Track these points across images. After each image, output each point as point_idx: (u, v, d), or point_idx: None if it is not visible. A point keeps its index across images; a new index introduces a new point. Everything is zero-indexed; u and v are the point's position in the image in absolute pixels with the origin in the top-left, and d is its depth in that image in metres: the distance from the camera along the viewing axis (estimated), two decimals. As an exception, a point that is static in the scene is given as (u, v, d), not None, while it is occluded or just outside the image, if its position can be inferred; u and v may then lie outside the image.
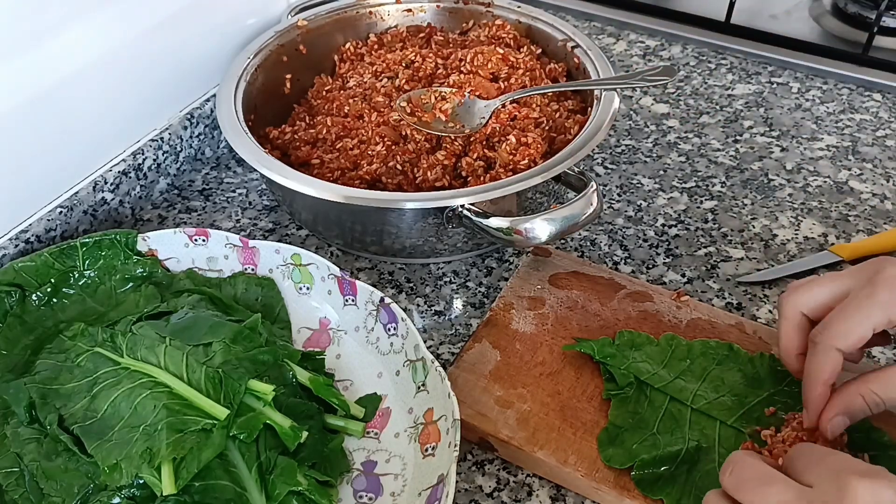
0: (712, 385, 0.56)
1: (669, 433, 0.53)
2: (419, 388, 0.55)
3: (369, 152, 0.69)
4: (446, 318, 0.66)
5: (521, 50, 0.80)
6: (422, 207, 0.60)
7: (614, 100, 0.68)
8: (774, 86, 0.92)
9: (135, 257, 0.64)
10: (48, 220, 0.68)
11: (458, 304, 0.67)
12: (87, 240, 0.63)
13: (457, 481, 0.54)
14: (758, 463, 0.41)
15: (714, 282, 0.68)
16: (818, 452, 0.41)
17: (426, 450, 0.52)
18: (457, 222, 0.61)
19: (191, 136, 0.80)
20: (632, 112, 0.89)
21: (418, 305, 0.67)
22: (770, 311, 0.65)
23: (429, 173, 0.67)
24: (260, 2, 0.84)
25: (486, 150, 0.69)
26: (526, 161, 0.66)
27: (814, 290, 0.50)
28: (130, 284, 0.63)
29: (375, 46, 0.83)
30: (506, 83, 0.75)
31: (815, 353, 0.48)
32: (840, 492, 0.38)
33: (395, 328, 0.58)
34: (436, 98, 0.71)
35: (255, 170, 0.64)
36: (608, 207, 0.76)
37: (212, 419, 0.50)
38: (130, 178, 0.75)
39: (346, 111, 0.74)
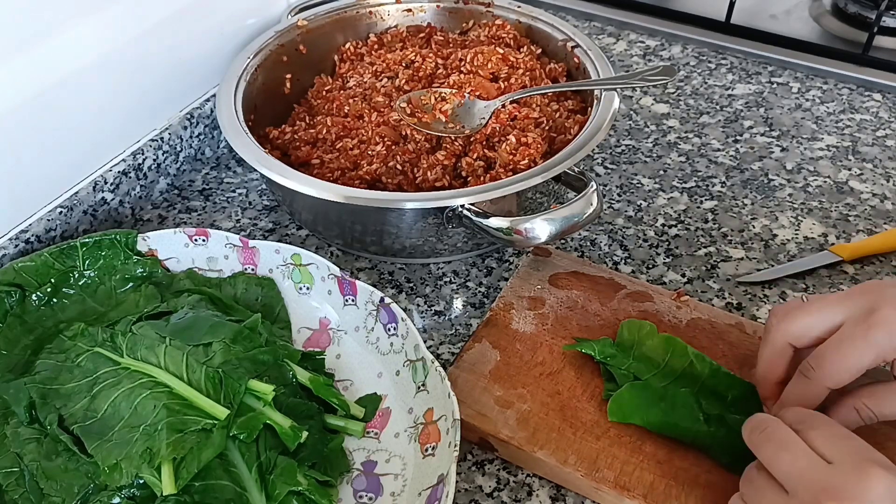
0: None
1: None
2: (419, 388, 0.55)
3: (369, 152, 0.69)
4: (446, 318, 0.66)
5: (521, 50, 0.80)
6: (422, 207, 0.60)
7: (614, 100, 0.68)
8: (774, 86, 0.92)
9: (135, 257, 0.64)
10: (48, 220, 0.68)
11: (458, 304, 0.67)
12: (87, 240, 0.63)
13: (457, 481, 0.54)
14: (781, 427, 0.44)
15: (714, 282, 0.68)
16: (842, 432, 0.44)
17: (426, 450, 0.52)
18: (457, 222, 0.61)
19: (191, 136, 0.80)
20: (632, 112, 0.89)
21: (418, 305, 0.67)
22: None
23: (429, 173, 0.67)
24: (260, 2, 0.84)
25: (486, 150, 0.69)
26: (526, 161, 0.66)
27: (805, 320, 0.49)
28: (130, 284, 0.63)
29: (375, 46, 0.83)
30: (506, 83, 0.75)
31: (806, 386, 0.48)
32: (858, 476, 0.40)
33: (395, 328, 0.58)
34: (436, 99, 0.71)
35: (255, 170, 0.64)
36: (608, 207, 0.76)
37: (212, 419, 0.50)
38: (130, 178, 0.75)
39: (346, 111, 0.74)
